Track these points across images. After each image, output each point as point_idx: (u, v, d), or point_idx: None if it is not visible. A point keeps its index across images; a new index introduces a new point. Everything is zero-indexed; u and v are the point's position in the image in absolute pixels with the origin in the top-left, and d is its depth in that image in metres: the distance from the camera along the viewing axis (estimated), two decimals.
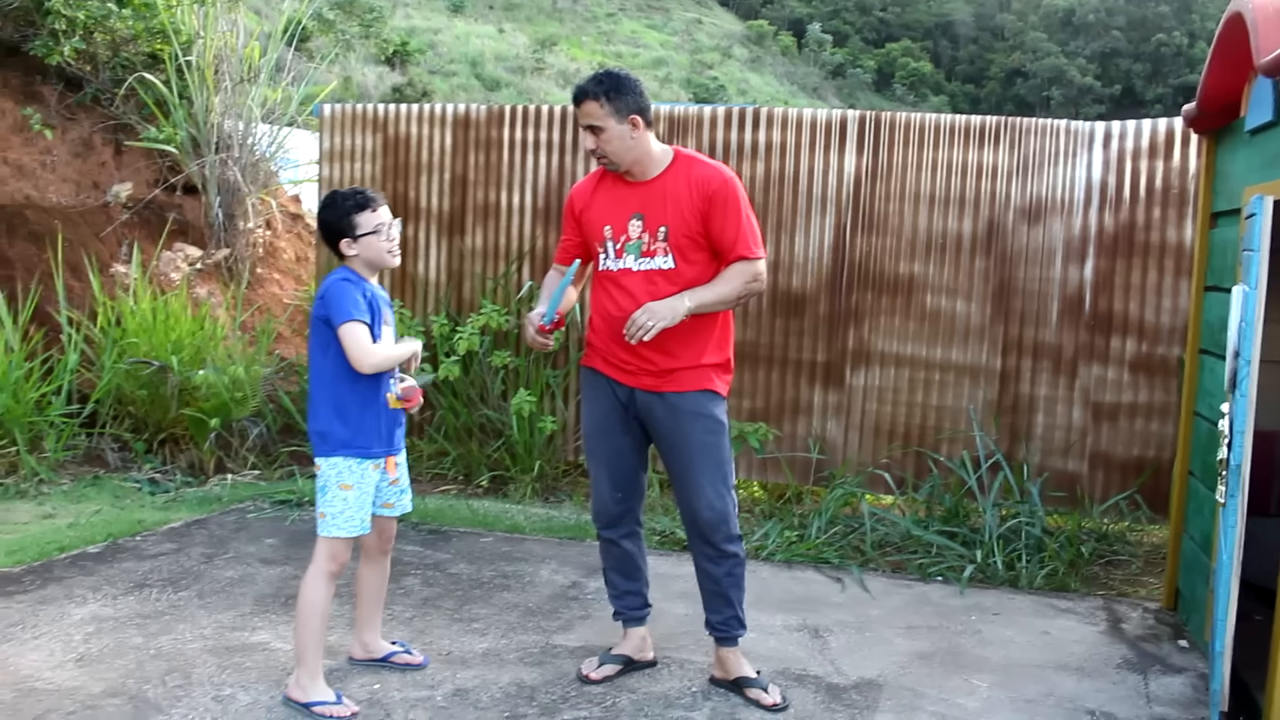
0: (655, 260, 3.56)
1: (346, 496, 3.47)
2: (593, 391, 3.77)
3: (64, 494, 6.03)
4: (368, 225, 3.49)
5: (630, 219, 3.59)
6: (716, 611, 3.76)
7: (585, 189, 3.77)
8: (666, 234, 3.55)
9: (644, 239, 3.57)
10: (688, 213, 3.53)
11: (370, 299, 3.49)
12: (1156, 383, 5.82)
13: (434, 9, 58.55)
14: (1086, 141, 5.90)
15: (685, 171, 3.58)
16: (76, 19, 7.70)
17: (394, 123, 6.90)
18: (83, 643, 3.93)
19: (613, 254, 3.62)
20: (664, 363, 3.59)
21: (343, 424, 3.47)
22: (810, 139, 6.24)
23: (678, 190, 3.56)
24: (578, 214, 3.75)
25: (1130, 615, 4.79)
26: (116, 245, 7.69)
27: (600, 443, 3.78)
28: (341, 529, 3.48)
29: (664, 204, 3.56)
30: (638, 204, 3.59)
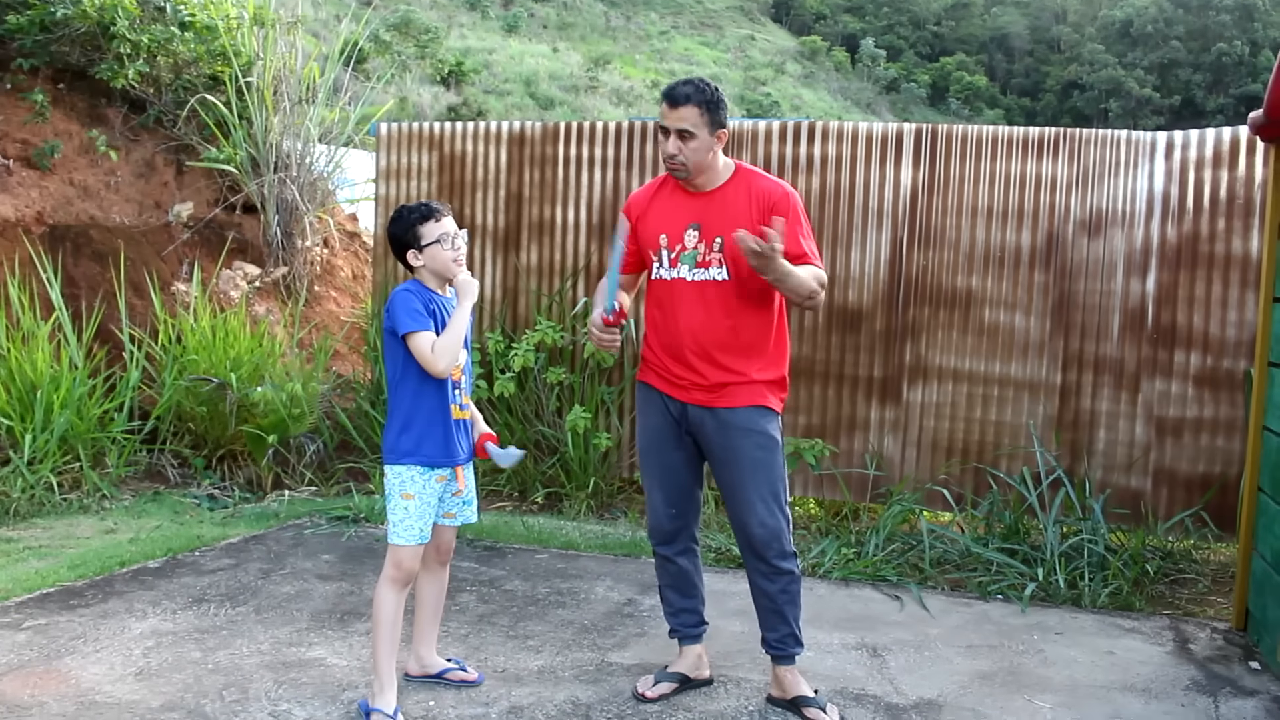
0: (710, 271, 3.55)
1: (408, 506, 3.49)
2: (647, 406, 3.76)
3: (125, 509, 6.11)
4: (431, 235, 3.52)
5: (687, 228, 3.58)
6: (773, 629, 3.71)
7: (642, 197, 3.75)
8: (723, 245, 3.52)
9: (699, 249, 3.56)
10: (746, 225, 3.46)
11: (433, 308, 3.50)
12: (1222, 397, 5.69)
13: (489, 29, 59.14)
14: (1148, 152, 5.80)
15: (745, 185, 3.57)
16: (141, 43, 7.85)
17: (449, 140, 6.95)
18: (142, 657, 3.97)
19: (666, 263, 3.61)
20: (716, 377, 3.57)
21: (407, 433, 3.51)
22: (866, 152, 6.19)
23: (737, 203, 3.55)
24: (634, 221, 3.72)
25: (1198, 635, 4.67)
26: (177, 264, 7.82)
27: (654, 458, 3.76)
28: (401, 537, 3.50)
29: (723, 215, 3.53)
30: (696, 214, 3.58)
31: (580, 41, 63.87)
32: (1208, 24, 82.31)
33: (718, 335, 3.56)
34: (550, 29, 65.18)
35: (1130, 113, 76.54)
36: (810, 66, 78.24)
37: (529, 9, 67.20)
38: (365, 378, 7.32)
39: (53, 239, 7.31)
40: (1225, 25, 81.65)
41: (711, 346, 3.56)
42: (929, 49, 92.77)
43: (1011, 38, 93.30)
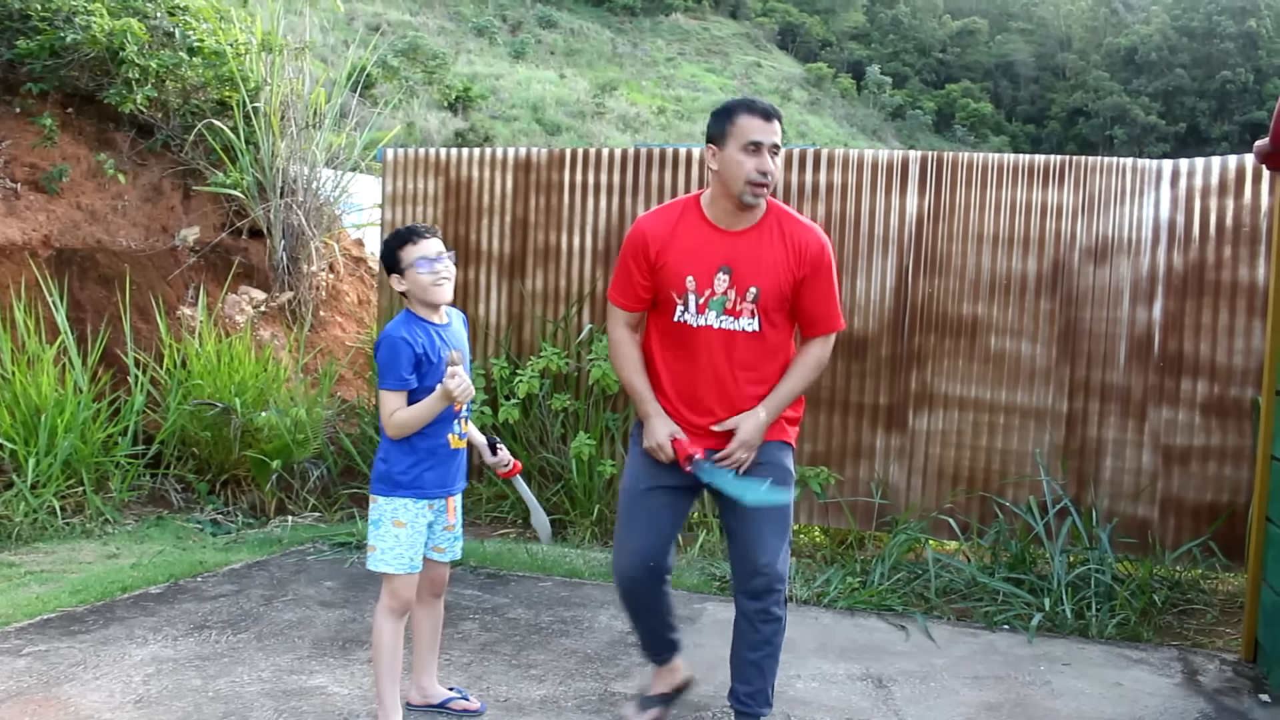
0: (740, 321, 3.33)
1: (399, 534, 3.45)
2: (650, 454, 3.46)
3: (128, 534, 6.09)
4: (409, 259, 3.46)
5: (717, 272, 3.31)
6: (747, 682, 3.46)
7: (661, 228, 3.39)
8: (757, 296, 3.31)
9: (729, 296, 3.32)
10: (783, 276, 3.32)
11: (426, 348, 3.43)
12: (1230, 425, 5.66)
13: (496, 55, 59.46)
14: (1154, 180, 5.80)
15: (780, 228, 3.35)
16: (149, 68, 7.88)
17: (455, 166, 6.96)
18: (142, 684, 3.94)
19: (694, 308, 3.34)
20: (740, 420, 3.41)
21: (401, 464, 3.46)
22: (871, 180, 6.19)
23: (773, 250, 3.33)
24: (654, 255, 3.37)
25: (1207, 667, 4.63)
26: (183, 288, 7.83)
27: (644, 504, 3.46)
28: (390, 565, 3.45)
29: (757, 263, 3.31)
30: (725, 256, 3.32)
31: (587, 68, 64.17)
32: (1212, 52, 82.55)
33: (744, 386, 3.38)
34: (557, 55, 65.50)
35: (1135, 140, 76.69)
36: (816, 93, 78.51)
37: (536, 35, 67.58)
38: (370, 403, 7.30)
39: (59, 262, 7.33)
40: (1229, 53, 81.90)
41: (737, 397, 3.37)
42: (934, 76, 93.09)
43: (1017, 65, 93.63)
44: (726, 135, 3.27)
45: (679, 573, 5.73)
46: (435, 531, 3.60)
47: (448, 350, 3.47)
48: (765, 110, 3.27)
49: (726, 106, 3.34)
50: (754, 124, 3.24)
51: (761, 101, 3.31)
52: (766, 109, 3.28)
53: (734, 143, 3.25)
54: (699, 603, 5.25)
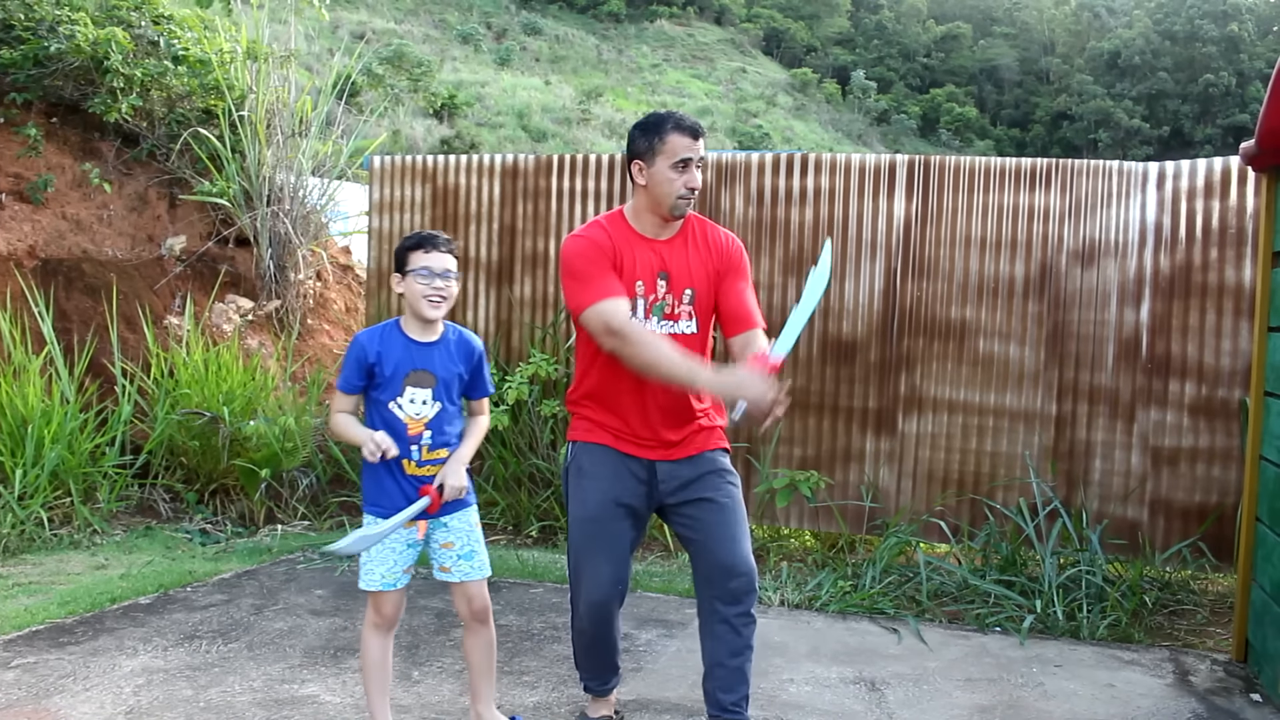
0: (680, 324, 3.40)
1: (371, 551, 3.39)
2: (602, 470, 3.41)
3: (116, 544, 6.06)
4: (414, 264, 3.37)
5: (656, 277, 3.39)
6: (730, 690, 3.39)
7: (604, 238, 3.39)
8: (693, 297, 3.41)
9: (668, 300, 3.40)
10: (711, 276, 3.43)
11: (383, 360, 3.35)
12: (1218, 426, 5.69)
13: (481, 62, 59.46)
14: (1140, 182, 5.82)
15: (702, 232, 3.47)
16: (134, 77, 7.86)
17: (443, 173, 6.95)
18: (133, 695, 3.92)
19: (641, 313, 3.36)
20: (684, 430, 3.44)
21: (367, 481, 3.42)
22: (859, 184, 6.20)
23: (698, 252, 3.44)
24: (613, 258, 3.37)
25: (1198, 667, 4.64)
26: (170, 297, 7.80)
27: (603, 528, 3.38)
28: (364, 582, 3.42)
29: (688, 265, 3.41)
30: (660, 262, 3.40)
31: (572, 74, 64.23)
32: (1194, 55, 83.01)
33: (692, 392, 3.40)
34: (543, 62, 65.54)
35: (1119, 143, 77.05)
36: (801, 99, 78.71)
37: (521, 42, 67.61)
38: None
39: (45, 273, 7.29)
40: (1212, 56, 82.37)
41: (681, 400, 3.39)
42: (919, 81, 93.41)
43: (1001, 69, 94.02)
44: (655, 152, 3.33)
45: (670, 577, 5.72)
46: (434, 550, 3.50)
47: (413, 369, 3.38)
48: (693, 129, 3.35)
49: (653, 124, 3.37)
50: (683, 142, 3.31)
51: (688, 119, 3.37)
52: (694, 127, 3.36)
53: (663, 160, 3.32)
54: (690, 607, 5.22)
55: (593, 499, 3.40)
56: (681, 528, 3.47)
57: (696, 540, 3.41)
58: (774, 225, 6.32)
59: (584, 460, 3.45)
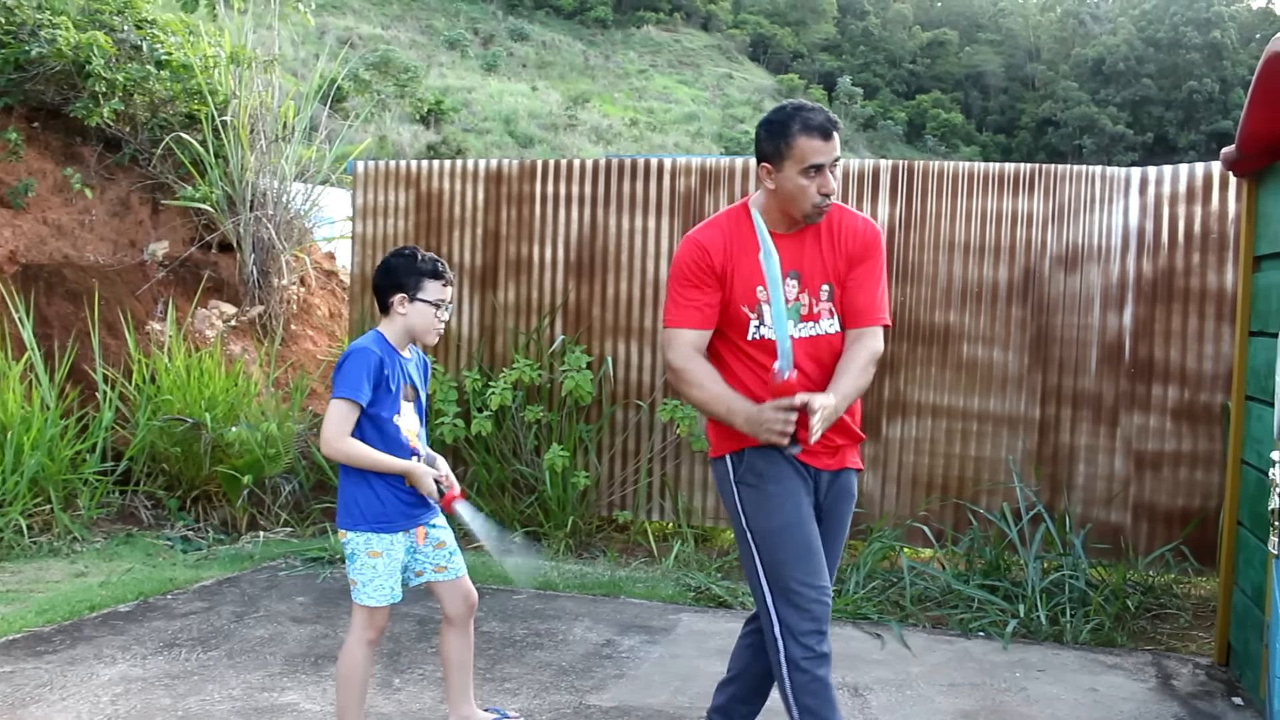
0: (821, 324, 3.07)
1: (375, 564, 3.34)
2: (780, 473, 3.02)
3: (97, 552, 6.02)
4: (430, 295, 3.36)
5: (785, 278, 3.03)
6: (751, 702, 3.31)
7: (717, 242, 3.07)
8: (832, 293, 3.09)
9: (804, 300, 3.06)
10: (843, 266, 3.10)
11: (390, 373, 3.33)
12: (1200, 430, 5.70)
13: (468, 68, 59.44)
14: (1123, 187, 5.83)
15: (836, 219, 3.11)
16: (116, 81, 7.82)
17: (426, 178, 6.93)
18: (110, 704, 3.88)
19: (769, 320, 3.03)
20: (839, 439, 3.12)
21: (365, 496, 3.33)
22: (843, 189, 6.20)
23: (833, 241, 3.10)
24: (719, 269, 3.05)
25: (1180, 671, 4.64)
26: (152, 303, 7.76)
27: (809, 530, 3.02)
28: (371, 598, 3.34)
29: (820, 257, 3.08)
30: (791, 260, 3.05)
31: (559, 80, 64.24)
32: (1178, 62, 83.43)
33: None
34: (529, 68, 65.53)
35: (1104, 149, 77.35)
36: None
37: (508, 48, 67.60)
38: None
39: (25, 278, 7.25)
40: (1195, 63, 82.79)
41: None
42: (905, 87, 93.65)
43: (986, 75, 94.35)
44: (783, 157, 2.97)
45: (653, 584, 5.71)
46: (427, 552, 3.48)
47: (405, 383, 3.40)
48: (824, 128, 2.96)
49: (779, 124, 2.98)
50: (813, 146, 2.94)
51: (818, 116, 2.97)
52: (825, 126, 2.96)
53: (792, 166, 2.96)
54: (674, 614, 5.23)
55: (788, 503, 3.02)
56: None
57: None
58: None
59: (760, 465, 3.03)
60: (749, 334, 3.05)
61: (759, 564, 3.02)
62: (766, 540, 3.01)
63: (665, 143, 54.55)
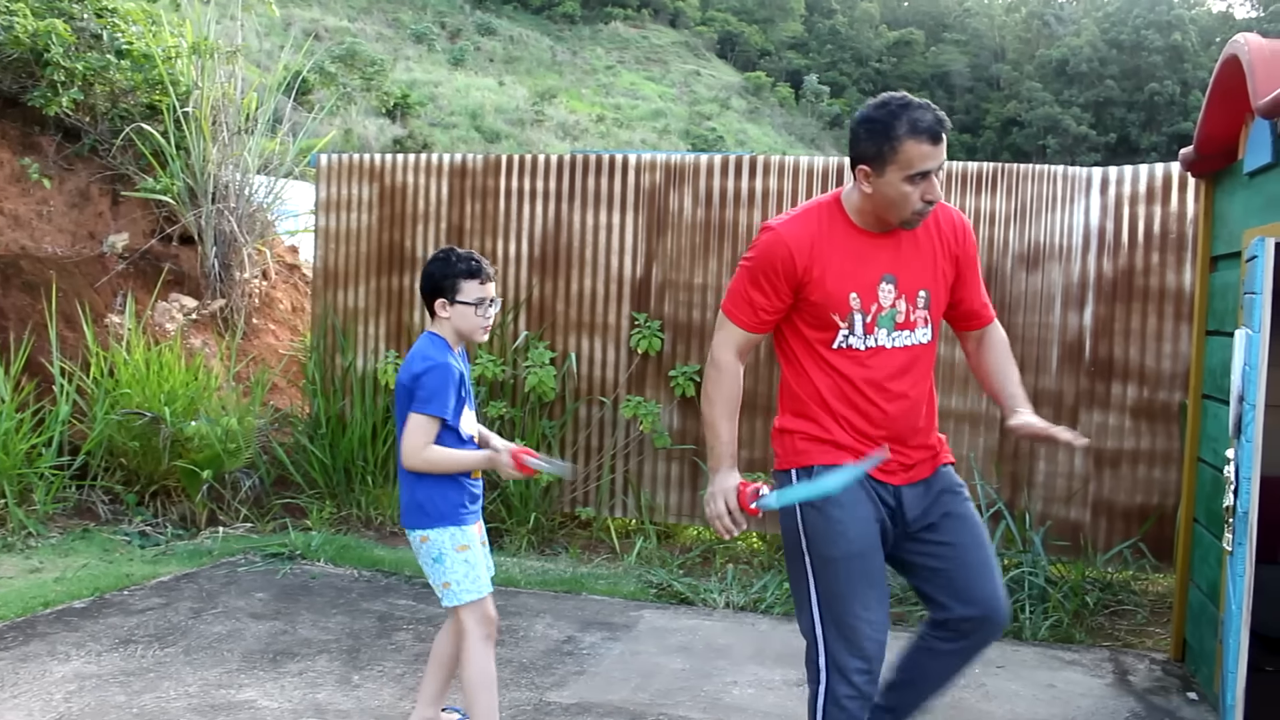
0: (916, 334, 2.87)
1: (467, 557, 3.31)
2: (849, 496, 2.80)
3: (52, 547, 5.94)
4: (470, 295, 3.31)
5: (880, 282, 2.83)
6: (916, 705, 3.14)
7: (803, 239, 2.82)
8: (928, 300, 2.89)
9: (899, 307, 2.85)
10: (944, 273, 2.92)
11: (462, 379, 3.34)
12: (1159, 429, 5.75)
13: (435, 62, 59.14)
14: (1084, 187, 5.88)
15: (931, 217, 2.89)
16: (75, 70, 7.71)
17: (390, 172, 6.89)
18: (63, 701, 3.83)
19: (860, 329, 2.83)
20: (925, 452, 2.96)
21: (440, 492, 3.30)
22: (807, 186, 6.22)
23: (932, 241, 2.90)
24: (801, 272, 2.81)
25: (1137, 667, 4.69)
26: (111, 295, 7.66)
27: (874, 561, 2.85)
28: (472, 591, 3.31)
29: (918, 260, 2.88)
30: (887, 262, 2.84)
31: (526, 75, 64.03)
32: (1140, 64, 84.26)
33: (927, 406, 2.96)
34: (496, 62, 65.27)
35: (1068, 149, 78.00)
36: (755, 102, 78.99)
37: (475, 42, 67.31)
38: (304, 412, 7.20)
39: None
40: (1157, 66, 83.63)
41: (921, 419, 2.92)
42: (872, 85, 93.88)
43: (952, 75, 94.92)
44: (885, 161, 2.72)
45: (615, 580, 5.70)
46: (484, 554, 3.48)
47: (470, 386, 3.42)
48: (934, 131, 2.72)
49: (883, 124, 2.73)
50: (921, 151, 2.70)
51: (928, 116, 2.73)
52: (935, 128, 2.72)
53: (896, 171, 2.72)
54: (635, 610, 5.22)
55: (854, 530, 2.82)
56: (927, 556, 2.95)
57: (942, 570, 2.93)
58: (722, 227, 6.32)
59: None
60: (835, 342, 2.84)
61: (813, 591, 2.87)
62: (826, 568, 2.84)
63: (632, 139, 54.53)
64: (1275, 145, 3.69)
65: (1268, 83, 3.48)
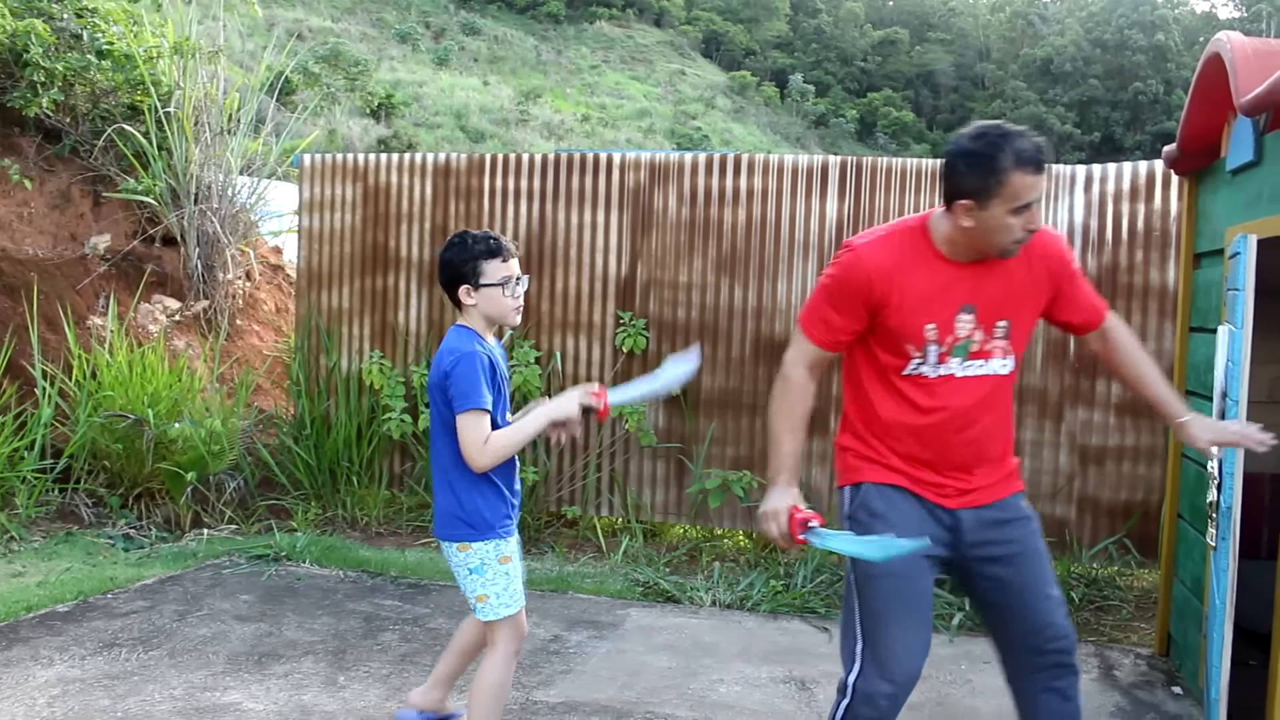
0: (991, 363, 2.81)
1: (508, 570, 3.19)
2: (903, 516, 2.82)
3: (35, 551, 5.90)
4: (494, 276, 3.14)
5: (959, 312, 2.77)
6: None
7: (884, 264, 2.77)
8: (1008, 330, 2.81)
9: (975, 337, 2.78)
10: (1031, 300, 2.85)
11: (494, 365, 3.16)
12: (1143, 425, 5.77)
13: (419, 62, 59.05)
14: (1068, 185, 5.90)
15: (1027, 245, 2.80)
16: (56, 70, 7.67)
17: (374, 172, 6.87)
18: (46, 706, 3.81)
19: (934, 358, 2.78)
20: (992, 477, 2.89)
21: (483, 502, 3.15)
22: (791, 185, 6.22)
23: (1020, 268, 2.81)
24: (879, 298, 2.77)
25: (1122, 662, 4.70)
26: (94, 297, 7.62)
27: (918, 583, 2.82)
28: (509, 605, 3.20)
29: (1003, 289, 2.80)
30: (969, 292, 2.77)
31: (511, 75, 63.98)
32: (1124, 63, 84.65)
33: (999, 435, 2.89)
34: (481, 62, 65.20)
35: (1052, 148, 77.87)
36: (740, 101, 79.07)
37: (460, 42, 67.23)
38: (288, 413, 7.17)
39: None
40: (1141, 65, 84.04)
41: (991, 450, 2.87)
42: (857, 85, 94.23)
43: (937, 74, 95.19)
44: (991, 195, 2.65)
45: (601, 579, 5.69)
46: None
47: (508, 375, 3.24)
48: (1038, 160, 2.67)
49: (987, 158, 2.65)
50: (1027, 183, 2.64)
51: (1030, 146, 2.67)
52: (1037, 158, 2.67)
53: (1001, 205, 2.66)
54: (622, 609, 5.22)
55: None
56: (984, 591, 2.93)
57: (1001, 605, 2.92)
58: (706, 225, 6.31)
59: (877, 504, 2.86)
60: (906, 369, 2.81)
61: (858, 607, 2.86)
62: (867, 585, 2.81)
63: (617, 138, 54.54)
64: (1257, 143, 3.70)
65: (1250, 81, 3.50)
